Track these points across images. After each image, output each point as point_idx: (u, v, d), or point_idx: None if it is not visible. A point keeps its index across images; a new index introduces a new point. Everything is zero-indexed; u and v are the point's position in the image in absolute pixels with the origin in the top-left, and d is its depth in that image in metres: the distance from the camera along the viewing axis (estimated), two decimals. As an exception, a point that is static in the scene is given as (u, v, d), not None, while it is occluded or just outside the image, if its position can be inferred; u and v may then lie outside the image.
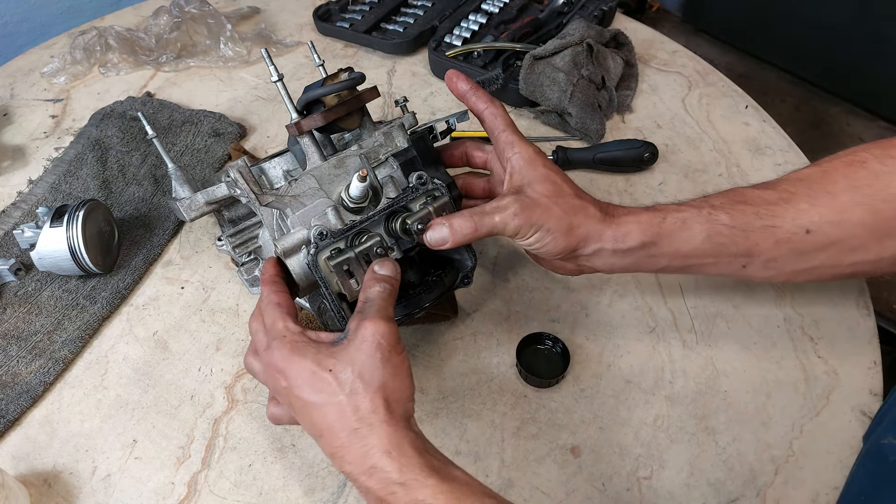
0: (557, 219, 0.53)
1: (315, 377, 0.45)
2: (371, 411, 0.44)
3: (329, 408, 0.45)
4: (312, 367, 0.46)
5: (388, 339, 0.46)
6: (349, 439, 0.44)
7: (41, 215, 0.70)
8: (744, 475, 0.58)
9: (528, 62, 0.89)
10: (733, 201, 0.55)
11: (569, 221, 0.54)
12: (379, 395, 0.44)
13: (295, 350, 0.47)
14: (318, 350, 0.47)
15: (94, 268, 0.69)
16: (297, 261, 0.55)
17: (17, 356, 0.66)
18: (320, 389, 0.45)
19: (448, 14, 1.05)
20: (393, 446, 0.43)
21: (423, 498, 0.41)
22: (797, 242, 0.53)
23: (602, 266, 0.57)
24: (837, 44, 2.14)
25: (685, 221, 0.54)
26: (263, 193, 0.56)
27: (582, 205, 0.55)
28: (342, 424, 0.44)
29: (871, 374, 0.64)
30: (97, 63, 1.01)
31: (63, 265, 0.69)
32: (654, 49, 1.04)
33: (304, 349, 0.47)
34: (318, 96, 0.58)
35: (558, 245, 0.54)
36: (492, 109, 0.58)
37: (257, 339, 0.52)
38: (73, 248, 0.67)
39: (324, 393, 0.45)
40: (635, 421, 0.62)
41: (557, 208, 0.54)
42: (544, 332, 0.65)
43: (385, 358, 0.45)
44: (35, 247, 0.68)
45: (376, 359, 0.45)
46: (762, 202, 0.54)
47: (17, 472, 0.59)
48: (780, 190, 0.55)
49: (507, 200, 0.54)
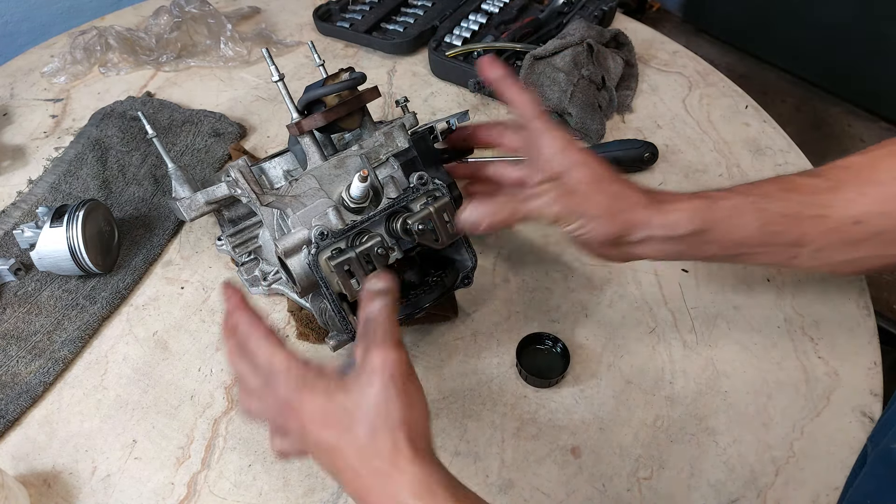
0: (598, 205, 0.52)
1: (329, 416, 0.42)
2: (395, 451, 0.40)
3: (349, 450, 0.41)
4: (325, 405, 0.42)
5: (400, 367, 0.42)
6: (374, 481, 0.41)
7: (41, 215, 0.70)
8: (744, 476, 0.58)
9: (528, 62, 0.89)
10: (783, 189, 0.53)
11: (610, 206, 0.52)
12: (400, 431, 0.41)
13: (304, 385, 0.43)
14: (328, 385, 0.43)
15: (94, 268, 0.69)
16: (298, 261, 0.55)
17: (17, 356, 0.66)
18: (337, 430, 0.42)
19: (448, 14, 1.05)
20: (424, 489, 0.39)
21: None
22: (846, 232, 0.52)
23: (651, 253, 0.55)
24: (838, 44, 2.14)
25: (736, 208, 0.53)
26: (264, 193, 0.56)
27: (623, 190, 0.53)
28: (365, 467, 0.41)
29: (871, 374, 0.64)
30: (97, 63, 1.01)
31: (63, 265, 0.68)
32: (654, 49, 1.04)
33: (313, 384, 0.43)
34: (318, 96, 0.58)
35: (602, 231, 0.53)
36: (524, 97, 0.57)
37: (249, 380, 0.47)
38: (72, 248, 0.67)
39: (341, 434, 0.42)
40: (635, 421, 0.62)
41: (598, 195, 0.52)
42: (544, 332, 0.65)
43: (400, 390, 0.42)
44: (35, 247, 0.68)
45: (391, 393, 0.41)
46: (812, 191, 0.53)
47: (16, 473, 0.59)
48: (828, 178, 0.53)
49: (545, 187, 0.53)
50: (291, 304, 0.70)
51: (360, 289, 0.49)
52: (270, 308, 0.71)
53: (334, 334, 0.60)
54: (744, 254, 0.56)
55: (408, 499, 0.39)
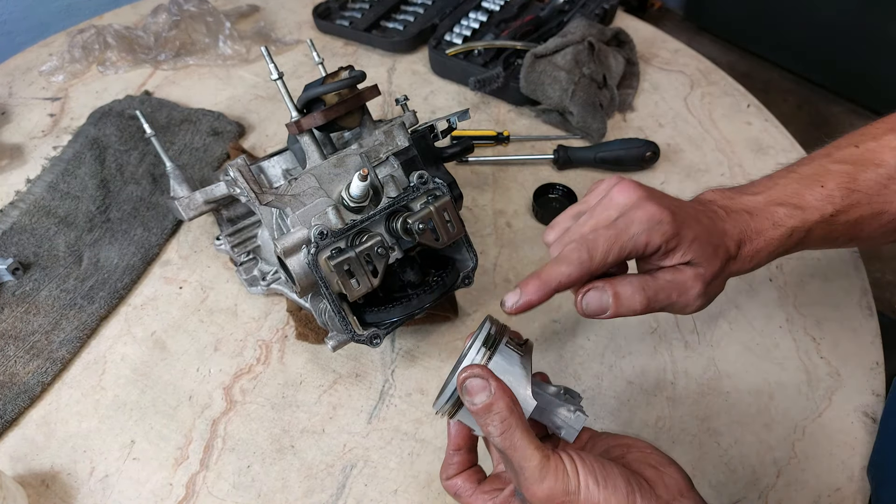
0: (723, 281, 0.49)
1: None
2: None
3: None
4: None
5: (561, 496, 0.37)
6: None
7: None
8: (746, 477, 0.58)
9: (528, 60, 0.89)
10: (847, 191, 0.51)
11: (724, 273, 0.48)
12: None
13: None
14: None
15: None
16: (297, 260, 0.55)
17: (15, 356, 0.66)
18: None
19: (448, 12, 1.05)
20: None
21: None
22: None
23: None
24: (840, 43, 2.13)
25: (810, 233, 0.50)
26: (263, 192, 0.55)
27: (727, 252, 0.48)
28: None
29: (873, 374, 0.64)
30: (95, 61, 1.01)
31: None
32: (655, 47, 1.04)
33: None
34: (318, 94, 0.57)
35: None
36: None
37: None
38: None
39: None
40: (637, 422, 0.61)
41: (721, 270, 0.48)
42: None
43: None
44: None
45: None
46: (876, 181, 0.51)
47: (14, 473, 0.59)
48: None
49: (686, 275, 0.46)
50: (291, 304, 0.70)
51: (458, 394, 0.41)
52: (269, 308, 0.71)
53: (334, 334, 0.60)
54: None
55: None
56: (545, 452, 0.38)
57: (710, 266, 0.46)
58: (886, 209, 0.51)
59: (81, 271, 0.73)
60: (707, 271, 0.46)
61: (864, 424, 0.60)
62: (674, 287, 0.46)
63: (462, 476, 0.46)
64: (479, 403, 0.39)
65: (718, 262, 0.47)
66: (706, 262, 0.46)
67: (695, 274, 0.46)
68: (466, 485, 0.45)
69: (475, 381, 0.39)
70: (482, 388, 0.39)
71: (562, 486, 0.37)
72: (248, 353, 0.67)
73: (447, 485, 0.46)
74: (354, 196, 0.56)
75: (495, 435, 0.38)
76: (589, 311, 0.46)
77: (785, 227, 0.49)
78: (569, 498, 0.37)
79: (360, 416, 0.62)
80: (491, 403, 0.38)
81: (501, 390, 0.39)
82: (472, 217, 0.79)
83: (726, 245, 0.47)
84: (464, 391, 0.40)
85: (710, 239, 0.46)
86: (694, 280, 0.46)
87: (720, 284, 0.49)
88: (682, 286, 0.46)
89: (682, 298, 0.46)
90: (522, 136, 0.89)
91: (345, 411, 0.63)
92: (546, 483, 0.37)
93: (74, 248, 0.75)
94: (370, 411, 0.63)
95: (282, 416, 0.62)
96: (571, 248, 0.44)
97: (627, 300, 0.45)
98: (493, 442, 0.39)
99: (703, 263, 0.46)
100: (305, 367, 0.66)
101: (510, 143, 0.88)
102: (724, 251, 0.47)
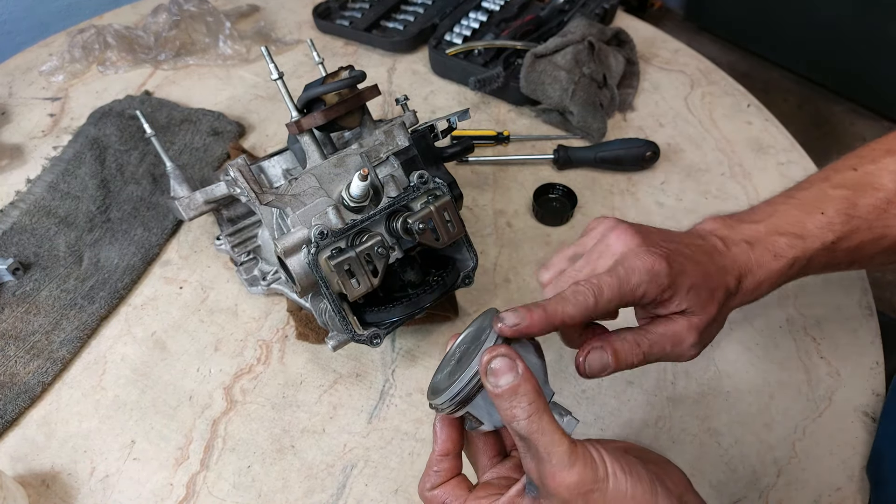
0: (722, 321, 0.49)
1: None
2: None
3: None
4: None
5: (586, 484, 0.36)
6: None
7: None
8: (746, 477, 0.58)
9: (529, 60, 0.89)
10: (847, 217, 0.51)
11: (722, 313, 0.48)
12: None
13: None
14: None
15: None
16: (298, 260, 0.55)
17: (15, 356, 0.66)
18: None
19: (448, 12, 1.05)
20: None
21: None
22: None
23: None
24: (840, 42, 2.13)
25: (811, 261, 0.50)
26: (263, 192, 0.55)
27: (726, 290, 0.48)
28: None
29: (873, 374, 0.64)
30: (96, 61, 1.01)
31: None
32: (655, 47, 1.04)
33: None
34: (318, 94, 0.57)
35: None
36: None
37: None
38: None
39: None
40: (637, 422, 0.61)
41: (719, 313, 0.47)
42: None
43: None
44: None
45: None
46: (875, 205, 0.51)
47: (14, 473, 0.59)
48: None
49: (680, 325, 0.46)
50: (291, 303, 0.70)
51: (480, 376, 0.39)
52: (270, 308, 0.71)
53: (334, 334, 0.60)
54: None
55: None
56: (571, 439, 0.37)
57: (704, 314, 0.46)
58: (886, 233, 0.51)
59: (82, 271, 0.73)
60: (701, 320, 0.46)
61: (864, 424, 0.60)
62: (667, 340, 0.46)
63: (450, 485, 0.42)
64: (504, 385, 0.37)
65: (714, 308, 0.47)
66: (701, 310, 0.46)
67: (688, 325, 0.46)
68: (457, 492, 0.42)
69: (502, 360, 0.38)
70: (510, 369, 0.37)
71: (591, 474, 0.36)
72: (249, 353, 0.67)
73: (431, 496, 0.42)
74: (355, 196, 0.56)
75: (522, 418, 0.37)
76: (591, 372, 0.46)
77: (786, 258, 0.49)
78: (598, 486, 0.36)
79: (360, 415, 0.62)
80: (518, 385, 0.37)
81: (528, 371, 0.38)
82: (472, 217, 0.79)
83: (725, 283, 0.47)
84: (489, 372, 0.38)
85: (707, 283, 0.46)
86: (688, 331, 0.46)
87: (718, 326, 0.49)
88: (676, 338, 0.46)
89: (676, 350, 0.46)
90: (522, 135, 0.89)
91: (345, 411, 0.63)
92: (576, 468, 0.36)
93: (75, 248, 0.75)
94: (370, 411, 0.63)
95: (282, 415, 0.62)
96: (578, 291, 0.44)
97: (625, 357, 0.45)
98: (516, 428, 0.37)
99: (698, 312, 0.46)
100: (306, 367, 0.66)
101: (510, 142, 0.88)
102: (722, 291, 0.47)
